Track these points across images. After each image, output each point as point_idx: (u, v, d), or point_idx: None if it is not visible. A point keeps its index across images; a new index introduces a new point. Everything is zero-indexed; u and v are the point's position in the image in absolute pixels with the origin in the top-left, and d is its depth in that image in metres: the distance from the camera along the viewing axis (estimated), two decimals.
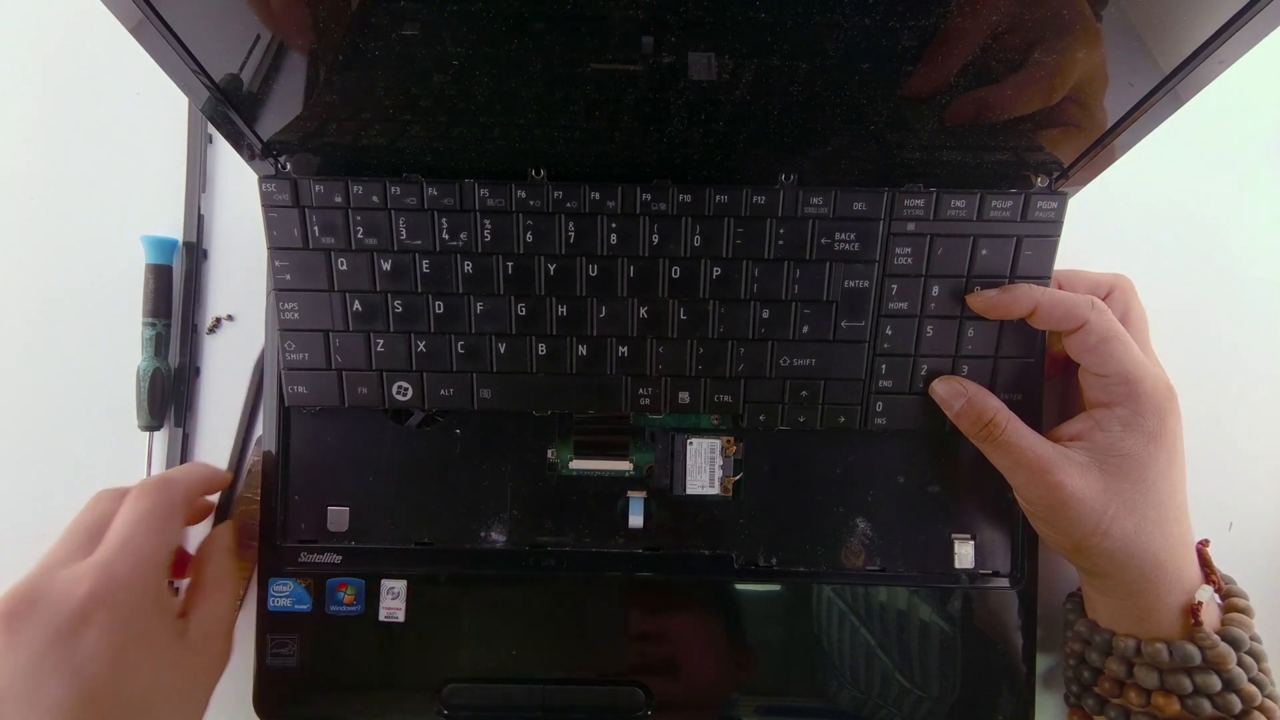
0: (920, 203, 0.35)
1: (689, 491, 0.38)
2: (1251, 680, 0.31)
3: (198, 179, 0.42)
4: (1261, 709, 0.31)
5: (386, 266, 0.35)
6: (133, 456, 0.40)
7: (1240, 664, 0.31)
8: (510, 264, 0.35)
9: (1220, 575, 0.34)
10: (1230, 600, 0.33)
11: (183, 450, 0.41)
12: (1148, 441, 0.32)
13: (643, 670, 0.38)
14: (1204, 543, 0.34)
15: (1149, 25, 0.28)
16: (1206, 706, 0.31)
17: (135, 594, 0.27)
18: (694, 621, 0.38)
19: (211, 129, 0.41)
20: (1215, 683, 0.31)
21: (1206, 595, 0.32)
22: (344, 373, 0.36)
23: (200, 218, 0.42)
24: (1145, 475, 0.32)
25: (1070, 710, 0.37)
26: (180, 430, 0.41)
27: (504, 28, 0.28)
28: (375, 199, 0.35)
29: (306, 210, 0.35)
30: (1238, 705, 0.31)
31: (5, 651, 0.26)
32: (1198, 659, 0.31)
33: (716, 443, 0.38)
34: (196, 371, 0.41)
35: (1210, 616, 0.32)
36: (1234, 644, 0.31)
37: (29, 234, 0.42)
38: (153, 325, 0.40)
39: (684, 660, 0.38)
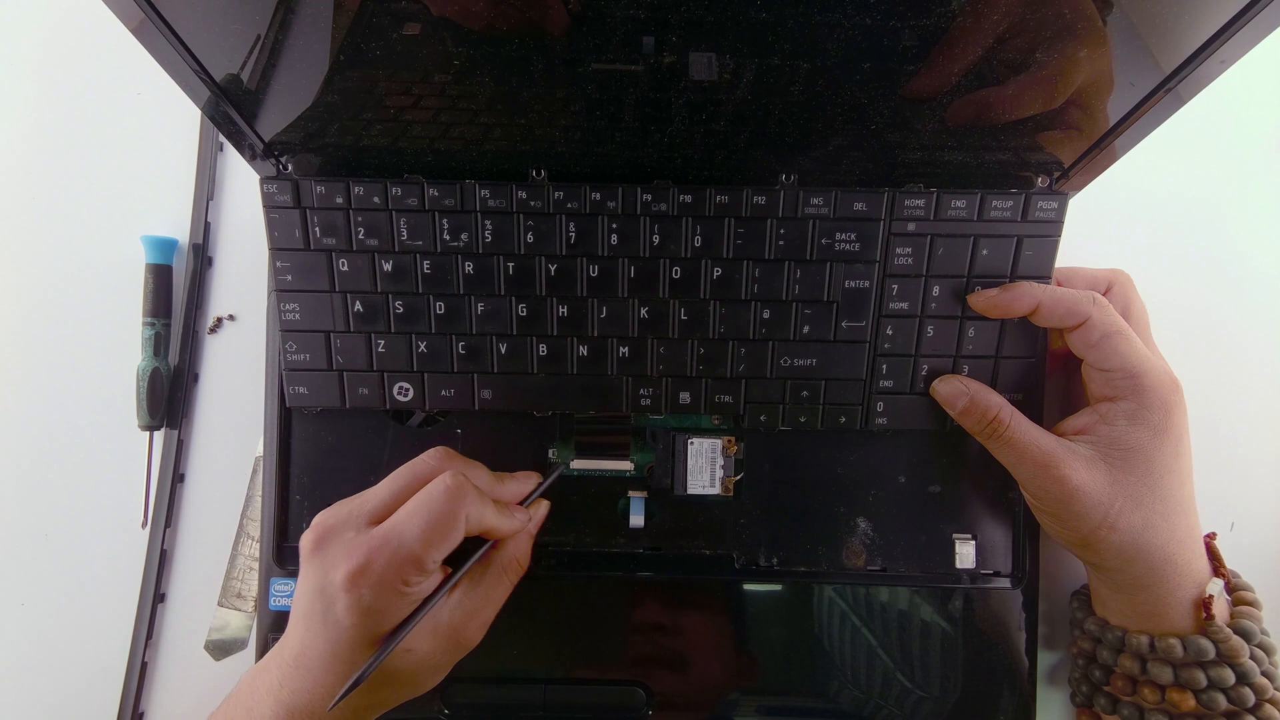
0: (921, 203, 0.35)
1: (690, 491, 0.38)
2: (1263, 673, 0.31)
3: (206, 186, 0.42)
4: (1272, 701, 0.31)
5: (387, 267, 0.35)
6: (133, 456, 0.40)
7: (1252, 657, 0.31)
8: (511, 264, 0.35)
9: (1227, 569, 0.34)
10: (1238, 594, 0.33)
11: (177, 454, 0.41)
12: (1154, 435, 0.32)
13: (643, 669, 0.38)
14: (1212, 535, 0.34)
15: (1150, 25, 0.28)
16: (1221, 700, 0.31)
17: (383, 593, 0.29)
18: (695, 621, 0.38)
19: (222, 137, 0.42)
20: (1229, 676, 0.31)
21: (1218, 589, 0.32)
22: (345, 373, 0.36)
23: (207, 225, 0.42)
24: (1152, 469, 0.32)
25: (1079, 710, 0.37)
26: (175, 434, 0.41)
27: (505, 28, 0.28)
28: (376, 200, 0.35)
29: (308, 211, 0.35)
30: (1251, 698, 0.31)
31: (307, 571, 0.30)
32: (1212, 653, 0.31)
33: (717, 442, 0.38)
34: (195, 377, 0.41)
35: (1219, 610, 0.32)
36: (1246, 636, 0.31)
37: (29, 234, 0.42)
38: (152, 325, 0.40)
39: (685, 660, 0.38)
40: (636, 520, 0.37)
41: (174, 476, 0.40)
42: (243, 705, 0.31)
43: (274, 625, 0.37)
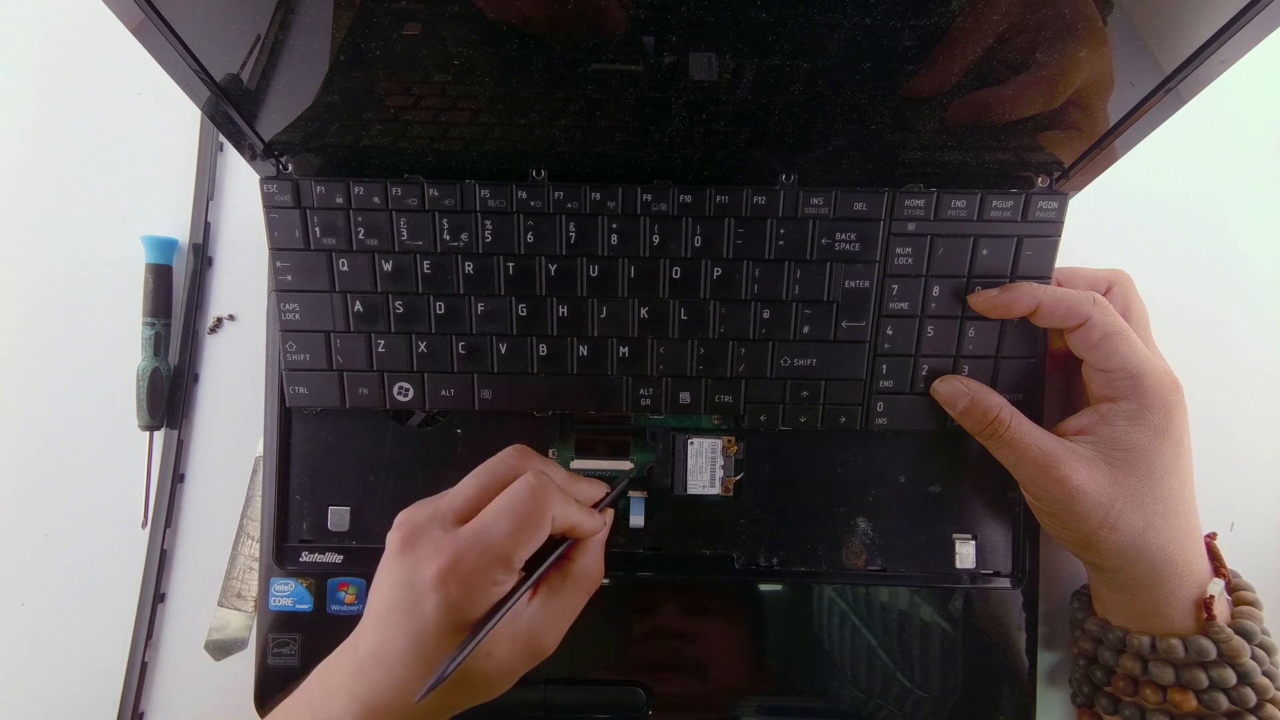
0: (921, 203, 0.35)
1: (690, 491, 0.38)
2: (1264, 673, 0.31)
3: (206, 186, 0.42)
4: (1273, 701, 0.31)
5: (387, 267, 0.35)
6: (133, 456, 0.40)
7: (1253, 657, 0.31)
8: (511, 264, 0.35)
9: (1228, 569, 0.34)
10: (1239, 594, 0.33)
11: (177, 454, 0.41)
12: (1154, 435, 0.32)
13: (644, 670, 0.38)
14: (1212, 535, 0.34)
15: (1151, 25, 0.28)
16: (1222, 700, 0.31)
17: (471, 590, 0.29)
18: (695, 621, 0.38)
19: (222, 137, 0.42)
20: (1230, 676, 0.31)
21: (1218, 589, 0.32)
22: (345, 373, 0.36)
23: (207, 225, 0.42)
24: (1152, 469, 0.32)
25: (1080, 711, 0.37)
26: (175, 434, 0.41)
27: (505, 27, 0.28)
28: (376, 200, 0.35)
29: (308, 211, 0.35)
30: (1253, 698, 0.31)
31: (393, 568, 0.30)
32: (1213, 653, 0.31)
33: (717, 442, 0.38)
34: (195, 377, 0.41)
35: (1220, 610, 0.32)
36: (1246, 636, 0.31)
37: (29, 234, 0.42)
38: (152, 325, 0.40)
39: (685, 660, 0.38)
40: (636, 520, 0.37)
41: (174, 476, 0.40)
42: (311, 700, 0.30)
43: (274, 625, 0.37)
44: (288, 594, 0.37)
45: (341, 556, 0.37)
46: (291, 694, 0.32)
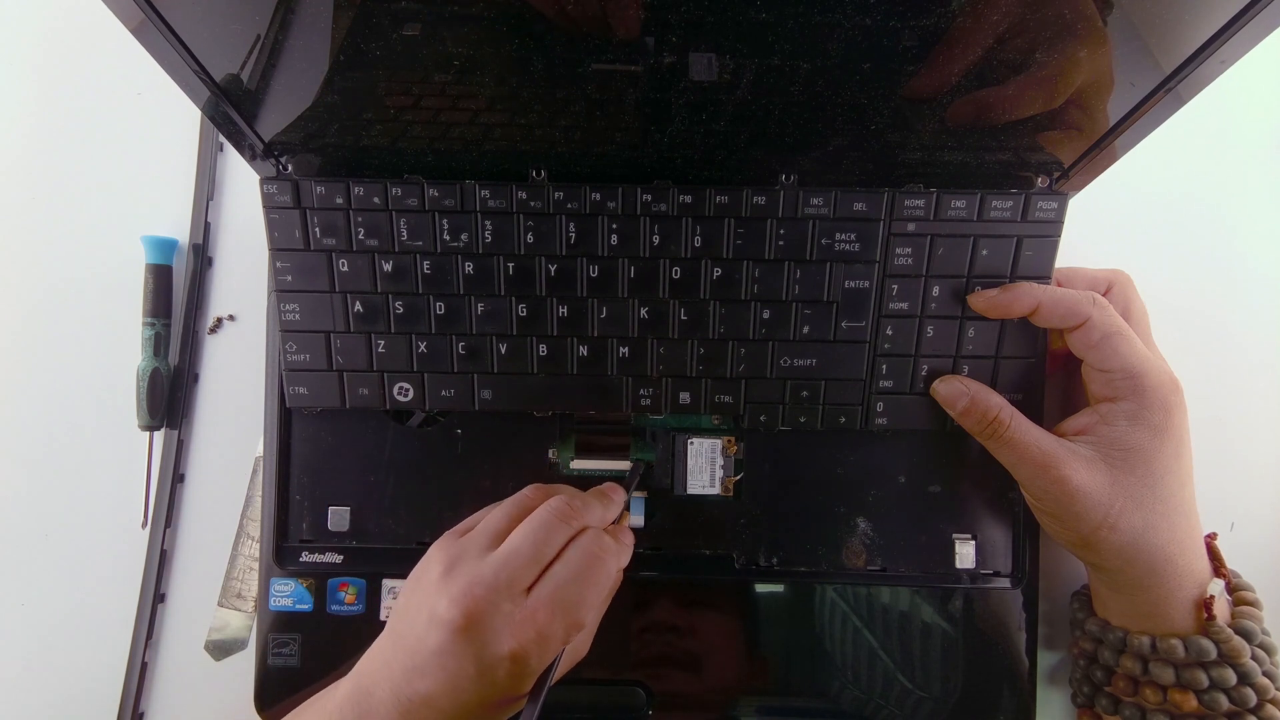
0: (920, 203, 0.35)
1: (690, 491, 0.38)
2: (1264, 673, 0.31)
3: (206, 186, 0.42)
4: (1274, 701, 0.31)
5: (387, 267, 0.35)
6: (133, 456, 0.40)
7: (1253, 657, 0.31)
8: (511, 265, 0.35)
9: (1228, 569, 0.34)
10: (1239, 594, 0.33)
11: (177, 454, 0.41)
12: (1154, 435, 0.32)
13: (644, 670, 0.38)
14: (1212, 535, 0.34)
15: (1150, 25, 0.28)
16: (1223, 700, 0.31)
17: (550, 655, 0.29)
18: (695, 621, 0.38)
19: (222, 137, 0.42)
20: (1231, 676, 0.31)
21: (1219, 589, 0.32)
22: (345, 373, 0.36)
23: (207, 225, 0.42)
24: (1152, 469, 0.32)
25: (1080, 711, 0.37)
26: (175, 434, 0.41)
27: (505, 28, 0.28)
28: (376, 200, 0.35)
29: (308, 211, 0.35)
30: (1253, 699, 0.31)
31: (459, 645, 0.28)
32: (1213, 653, 0.31)
33: (717, 443, 0.38)
34: (195, 377, 0.41)
35: (1220, 610, 0.32)
36: (1247, 636, 0.31)
37: (29, 234, 0.42)
38: (152, 325, 0.40)
39: (685, 660, 0.38)
40: (636, 520, 0.37)
41: (174, 476, 0.40)
42: None
43: (274, 625, 0.37)
44: (288, 594, 0.37)
45: (341, 556, 0.37)
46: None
